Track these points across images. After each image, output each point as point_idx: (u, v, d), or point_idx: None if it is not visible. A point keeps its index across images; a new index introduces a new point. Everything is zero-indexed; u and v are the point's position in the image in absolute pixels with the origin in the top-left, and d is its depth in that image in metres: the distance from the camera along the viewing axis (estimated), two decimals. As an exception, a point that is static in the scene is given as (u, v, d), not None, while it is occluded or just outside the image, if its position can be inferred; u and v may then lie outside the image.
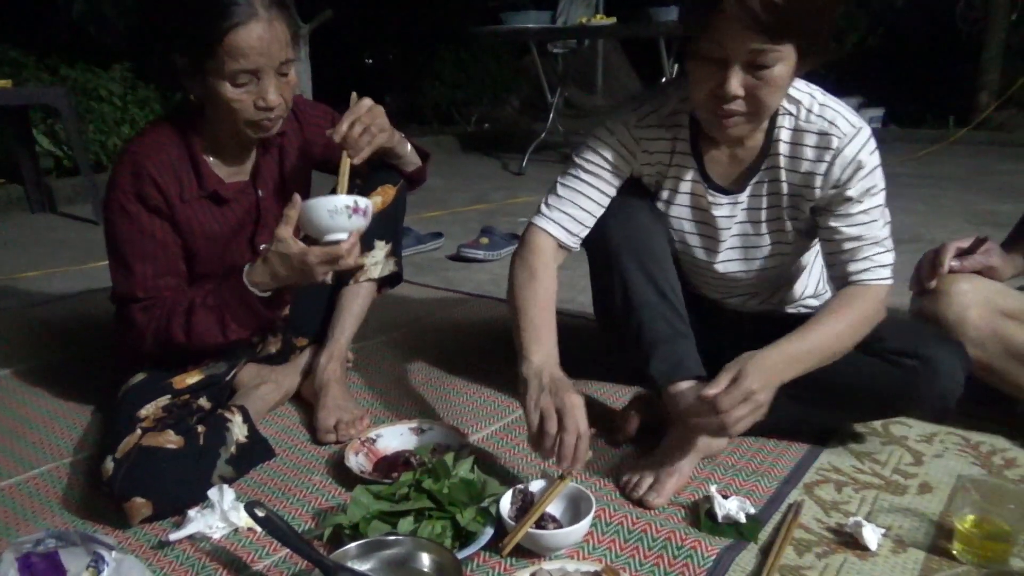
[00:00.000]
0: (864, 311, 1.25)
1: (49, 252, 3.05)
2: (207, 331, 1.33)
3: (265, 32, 1.25)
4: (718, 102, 1.17)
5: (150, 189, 1.35)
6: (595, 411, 1.57)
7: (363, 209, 1.28)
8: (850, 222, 1.27)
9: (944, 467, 1.33)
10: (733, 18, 1.08)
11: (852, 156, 1.24)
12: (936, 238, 3.00)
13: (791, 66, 1.15)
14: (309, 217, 1.26)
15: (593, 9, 5.35)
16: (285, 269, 1.29)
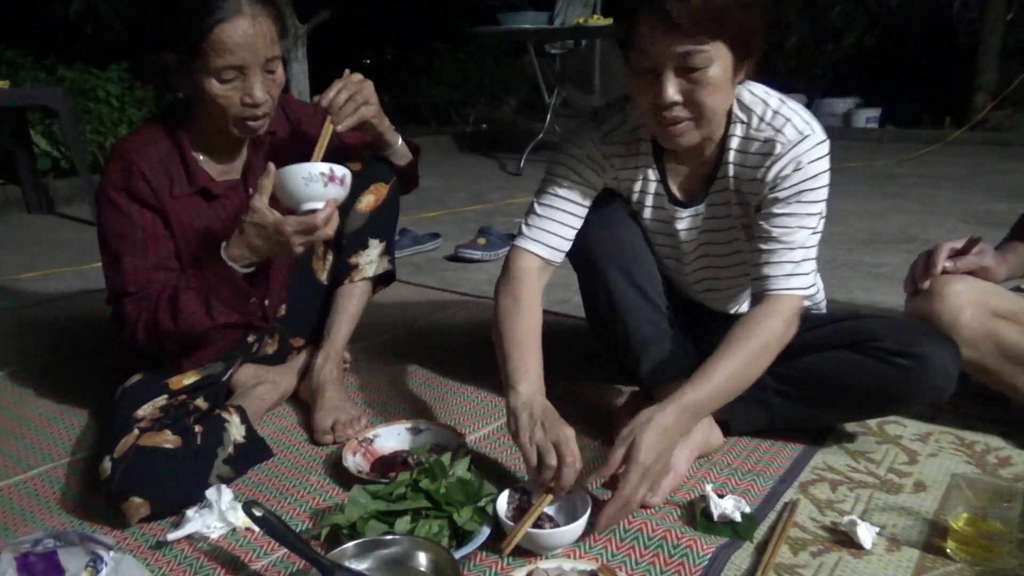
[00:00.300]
0: (766, 339, 1.22)
1: (47, 253, 3.06)
2: (193, 314, 1.31)
3: (250, 28, 1.26)
4: (660, 111, 1.17)
5: (139, 183, 1.35)
6: (588, 411, 1.58)
7: (339, 177, 1.26)
8: (775, 223, 1.25)
9: (938, 466, 1.34)
10: (652, 25, 1.09)
11: (791, 159, 1.23)
12: (932, 238, 3.00)
13: (726, 66, 1.14)
14: (284, 186, 1.24)
15: (591, 10, 5.35)
16: (261, 240, 1.27)
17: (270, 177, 1.25)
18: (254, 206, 1.25)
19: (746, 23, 1.12)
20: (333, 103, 1.39)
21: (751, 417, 1.40)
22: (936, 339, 1.29)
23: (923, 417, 1.49)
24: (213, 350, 1.53)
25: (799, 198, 1.24)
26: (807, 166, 1.23)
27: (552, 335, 2.03)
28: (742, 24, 1.12)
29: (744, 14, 1.11)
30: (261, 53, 1.29)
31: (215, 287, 1.30)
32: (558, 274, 2.39)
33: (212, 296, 1.31)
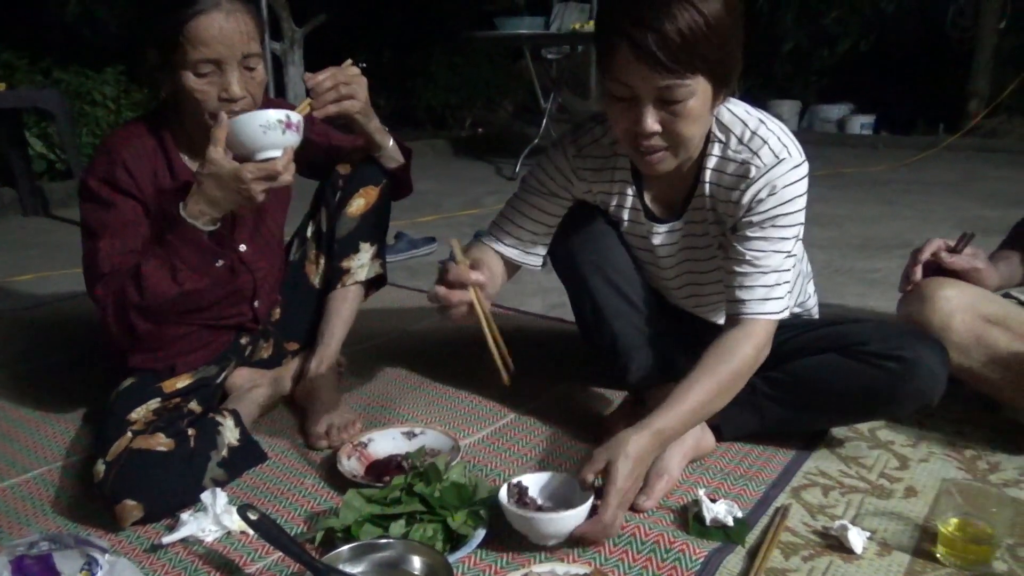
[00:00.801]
0: (738, 367, 1.23)
1: (42, 255, 3.05)
2: (159, 283, 1.28)
3: (226, 22, 1.28)
4: (638, 139, 1.17)
5: (121, 172, 1.36)
6: (582, 416, 1.59)
7: (296, 124, 1.25)
8: (748, 246, 1.25)
9: (929, 471, 1.35)
10: (633, 58, 1.09)
11: (765, 184, 1.23)
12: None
13: (705, 97, 1.15)
14: (239, 135, 1.22)
15: (587, 15, 5.37)
16: (220, 191, 1.24)
17: (223, 127, 1.23)
18: (210, 157, 1.23)
19: (724, 55, 1.13)
20: (317, 86, 1.38)
21: (743, 422, 1.41)
22: (924, 342, 1.30)
23: (915, 422, 1.50)
24: (206, 353, 1.53)
25: (773, 222, 1.24)
26: (782, 190, 1.23)
27: (547, 339, 2.05)
28: (721, 57, 1.12)
29: (722, 47, 1.11)
30: (238, 48, 1.29)
31: (177, 250, 1.27)
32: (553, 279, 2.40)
33: (176, 260, 1.27)
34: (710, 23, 1.08)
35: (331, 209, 1.63)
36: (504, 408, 1.64)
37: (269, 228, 1.58)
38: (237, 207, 1.29)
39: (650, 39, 1.07)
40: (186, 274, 1.29)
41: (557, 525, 1.11)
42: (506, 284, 1.50)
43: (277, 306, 1.68)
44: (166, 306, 1.32)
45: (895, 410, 1.36)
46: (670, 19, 1.06)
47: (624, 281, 1.41)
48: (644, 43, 1.07)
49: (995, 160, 5.51)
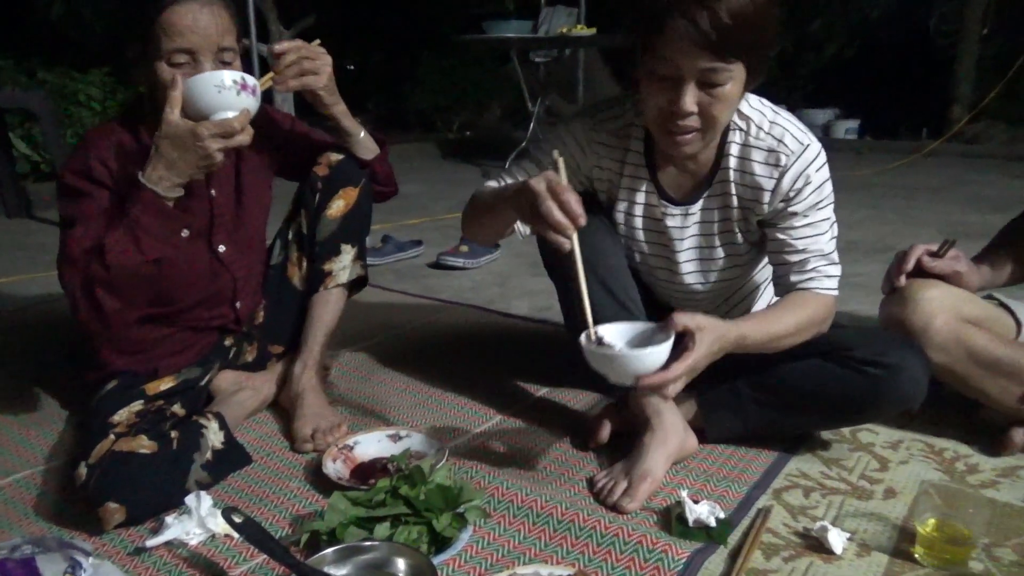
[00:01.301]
0: (814, 315, 1.31)
1: (25, 257, 3.03)
2: (122, 253, 1.25)
3: (201, 12, 1.29)
4: (671, 118, 1.20)
5: (96, 164, 1.36)
6: (567, 418, 1.60)
7: (251, 87, 1.26)
8: (796, 234, 1.32)
9: (909, 472, 1.37)
10: (684, 37, 1.11)
11: (800, 172, 1.29)
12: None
13: (741, 83, 1.19)
14: (194, 95, 1.23)
15: (574, 19, 5.39)
16: (178, 151, 1.23)
17: (179, 88, 1.23)
18: (166, 118, 1.23)
19: (763, 44, 1.17)
20: (281, 59, 1.40)
21: (727, 425, 1.42)
22: (907, 349, 1.32)
23: (895, 424, 1.52)
24: (189, 354, 1.53)
25: (816, 208, 1.32)
26: (815, 176, 1.30)
27: (533, 342, 2.06)
28: (761, 45, 1.17)
29: (763, 35, 1.16)
30: (212, 39, 1.30)
31: (139, 218, 1.26)
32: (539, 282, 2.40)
33: (138, 230, 1.26)
34: (758, 10, 1.12)
35: (311, 211, 1.62)
36: (490, 411, 1.64)
37: (248, 229, 1.58)
38: (196, 169, 1.26)
39: (706, 18, 1.10)
40: (149, 243, 1.27)
41: (636, 363, 1.11)
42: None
43: (260, 308, 1.68)
44: (134, 282, 1.29)
45: (877, 415, 1.39)
46: (725, 0, 1.10)
47: (615, 281, 1.42)
48: (699, 22, 1.10)
49: (978, 165, 5.57)
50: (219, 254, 1.52)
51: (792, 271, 1.33)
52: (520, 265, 2.88)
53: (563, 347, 1.82)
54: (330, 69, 1.46)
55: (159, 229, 1.27)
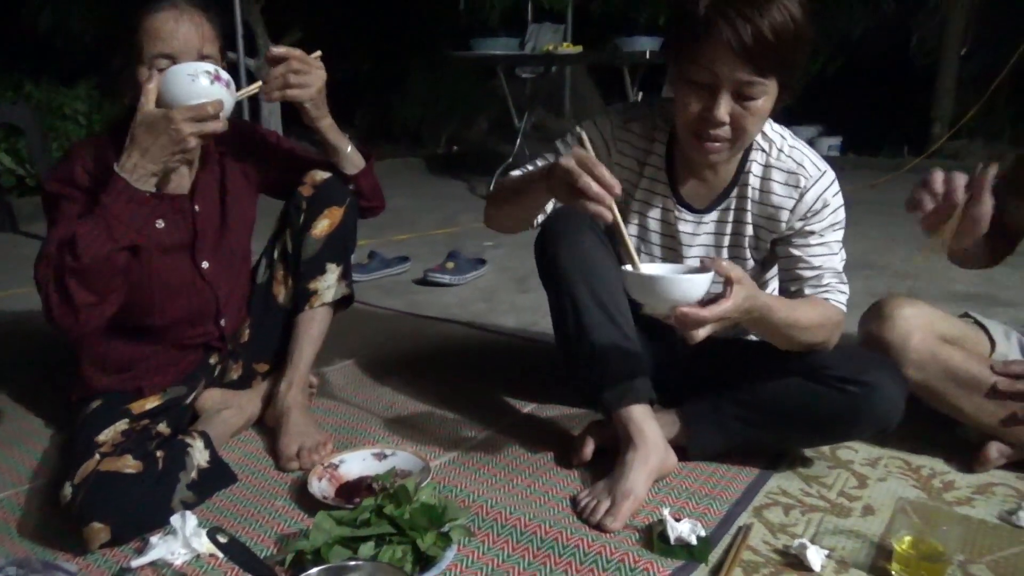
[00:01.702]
0: (827, 321, 1.34)
1: (9, 272, 3.01)
2: (94, 241, 1.25)
3: (182, 18, 1.33)
4: (704, 125, 1.24)
5: (79, 171, 1.37)
6: (552, 435, 1.62)
7: (225, 80, 1.29)
8: (811, 252, 1.37)
9: (887, 490, 1.39)
10: (725, 47, 1.15)
11: (819, 194, 1.35)
12: (889, 264, 3.10)
13: (772, 99, 1.23)
14: (169, 86, 1.26)
15: (560, 36, 5.45)
16: (151, 136, 1.25)
17: (155, 80, 1.27)
18: (141, 109, 1.25)
19: (798, 62, 1.22)
20: (272, 69, 1.41)
21: (709, 441, 1.45)
22: (884, 369, 1.36)
23: (873, 441, 1.54)
24: (174, 372, 1.54)
25: (832, 229, 1.37)
26: (832, 199, 1.36)
27: (519, 358, 2.08)
28: (795, 63, 1.21)
29: (800, 53, 1.20)
30: (193, 45, 1.33)
31: (110, 207, 1.27)
32: (526, 298, 2.42)
33: (110, 218, 1.26)
34: (797, 28, 1.17)
35: (296, 231, 1.63)
36: (475, 427, 1.65)
37: (231, 245, 1.58)
38: (171, 156, 1.27)
39: (749, 31, 1.14)
40: (121, 230, 1.27)
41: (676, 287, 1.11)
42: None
43: (245, 326, 1.68)
44: (106, 272, 1.28)
45: (855, 432, 1.41)
46: (768, 16, 1.14)
47: (608, 296, 1.44)
48: (742, 34, 1.14)
49: (957, 182, 5.65)
50: (202, 270, 1.52)
51: (807, 285, 1.37)
52: (506, 281, 2.90)
53: (550, 364, 1.85)
54: (321, 83, 1.46)
55: (131, 217, 1.28)
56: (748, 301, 1.18)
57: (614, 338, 1.43)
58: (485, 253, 3.24)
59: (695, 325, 1.12)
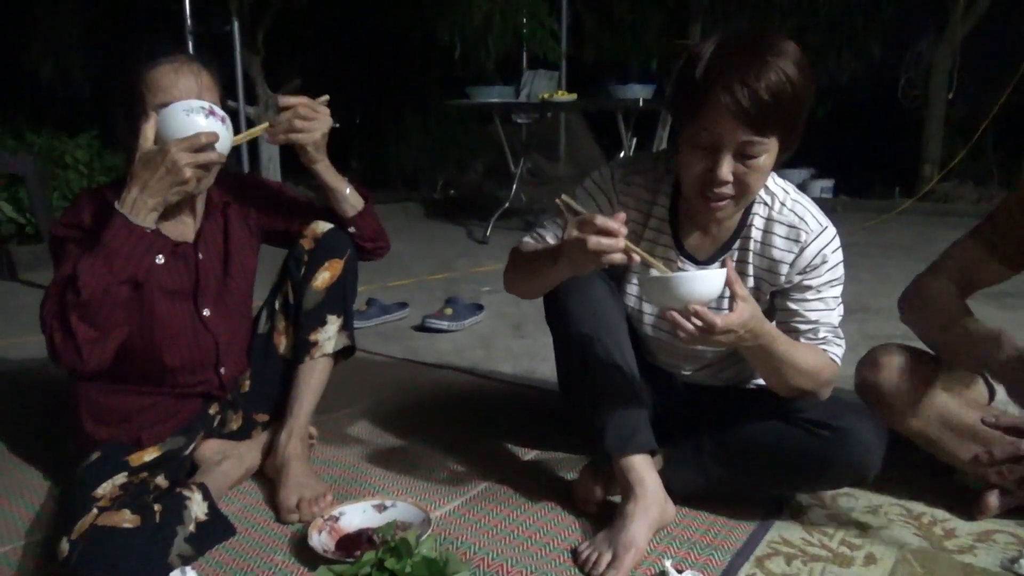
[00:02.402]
0: (823, 368, 1.36)
1: (7, 321, 3.02)
2: (94, 274, 1.27)
3: (182, 68, 1.38)
4: (708, 185, 1.26)
5: (86, 216, 1.40)
6: (552, 484, 1.61)
7: (221, 115, 1.32)
8: (808, 307, 1.38)
9: (888, 538, 1.39)
10: (723, 109, 1.18)
11: (818, 250, 1.36)
12: (883, 307, 3.11)
13: (774, 156, 1.26)
14: (166, 123, 1.30)
15: (555, 83, 5.55)
16: (150, 171, 1.28)
17: (152, 119, 1.30)
18: (140, 146, 1.29)
19: (797, 120, 1.25)
20: (279, 118, 1.48)
21: (689, 480, 1.46)
22: (860, 415, 1.37)
23: (873, 488, 1.54)
24: (173, 423, 1.54)
25: (830, 285, 1.38)
26: (832, 255, 1.37)
27: (517, 405, 2.08)
28: (795, 120, 1.24)
29: (798, 112, 1.23)
30: (192, 94, 1.36)
31: (110, 242, 1.29)
32: (523, 344, 2.43)
33: (110, 252, 1.29)
34: (795, 88, 1.19)
35: (297, 282, 1.65)
36: (475, 477, 1.65)
37: (233, 294, 1.60)
38: (169, 188, 1.30)
39: (746, 95, 1.17)
40: (120, 263, 1.29)
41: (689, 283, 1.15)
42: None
43: (245, 376, 1.69)
44: (107, 307, 1.29)
45: (829, 479, 1.40)
46: (765, 79, 1.17)
47: (614, 343, 1.45)
48: (740, 98, 1.17)
49: (948, 223, 5.71)
50: (203, 318, 1.54)
51: (802, 338, 1.39)
52: (503, 327, 2.91)
53: (549, 410, 1.85)
54: (326, 128, 1.52)
55: (130, 251, 1.30)
56: (754, 320, 1.21)
57: (619, 385, 1.43)
58: (482, 298, 3.25)
59: (706, 329, 1.16)
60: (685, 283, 1.16)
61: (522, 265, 1.46)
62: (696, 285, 1.16)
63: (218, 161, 1.34)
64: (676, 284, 1.16)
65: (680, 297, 1.16)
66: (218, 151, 1.33)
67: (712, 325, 1.16)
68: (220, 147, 1.34)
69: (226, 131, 1.34)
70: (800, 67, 1.21)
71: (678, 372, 1.58)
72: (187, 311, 1.52)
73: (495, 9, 5.29)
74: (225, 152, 1.36)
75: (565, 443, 1.75)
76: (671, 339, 1.51)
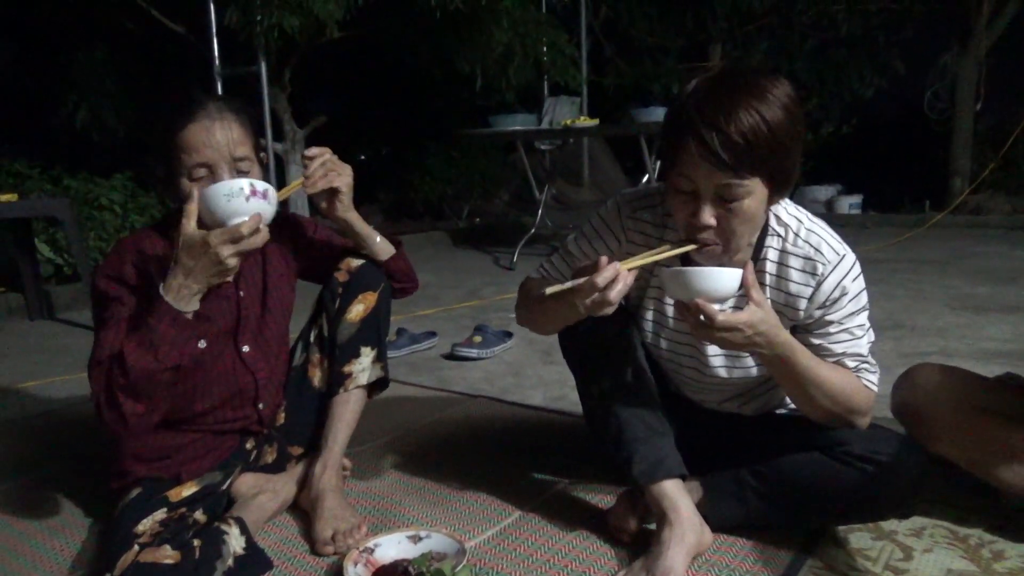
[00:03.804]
0: (854, 393, 1.32)
1: (48, 360, 3.09)
2: (140, 359, 1.29)
3: (214, 127, 1.38)
4: (693, 231, 1.25)
5: (128, 269, 1.42)
6: (586, 512, 1.60)
7: (262, 192, 1.30)
8: (832, 340, 1.34)
9: (934, 561, 1.35)
10: (696, 154, 1.17)
11: (836, 282, 1.32)
12: (918, 324, 3.06)
13: (761, 198, 1.22)
14: (208, 206, 1.28)
15: (577, 109, 5.59)
16: (193, 260, 1.28)
17: (195, 201, 1.30)
18: (182, 230, 1.28)
19: (782, 160, 1.20)
20: (308, 165, 1.50)
21: (728, 512, 1.44)
22: (903, 448, 1.33)
23: (917, 511, 1.51)
24: (211, 459, 1.56)
25: (853, 317, 1.34)
26: (851, 285, 1.32)
27: (548, 432, 2.07)
28: (779, 161, 1.20)
29: (781, 152, 1.18)
30: (226, 151, 1.39)
31: (156, 327, 1.29)
32: (553, 371, 2.43)
33: (154, 336, 1.29)
34: (772, 129, 1.16)
35: (331, 315, 1.68)
36: (508, 506, 1.64)
37: (272, 331, 1.63)
38: (211, 276, 1.31)
39: (715, 139, 1.15)
40: (166, 350, 1.30)
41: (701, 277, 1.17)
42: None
43: (281, 409, 1.71)
44: (152, 388, 1.32)
45: (871, 514, 1.39)
46: (736, 122, 1.15)
47: (634, 373, 1.44)
48: (709, 142, 1.15)
49: (980, 236, 5.63)
50: (243, 354, 1.56)
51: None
52: (533, 354, 2.91)
53: (579, 438, 1.84)
54: (351, 179, 1.55)
55: (175, 337, 1.31)
56: (765, 325, 1.20)
57: (642, 414, 1.43)
58: (511, 325, 3.26)
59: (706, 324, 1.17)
60: (699, 278, 1.17)
61: (533, 306, 1.46)
62: (710, 281, 1.17)
63: (262, 243, 1.32)
64: (689, 278, 1.17)
65: (693, 291, 1.17)
66: (262, 229, 1.31)
67: (711, 318, 1.16)
68: (264, 221, 1.32)
69: (269, 205, 1.33)
70: (783, 107, 1.17)
71: (703, 404, 1.57)
72: (228, 349, 1.55)
73: (515, 40, 5.35)
74: (268, 222, 1.34)
75: (597, 471, 1.74)
76: (690, 373, 1.50)
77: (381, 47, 5.93)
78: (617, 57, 7.64)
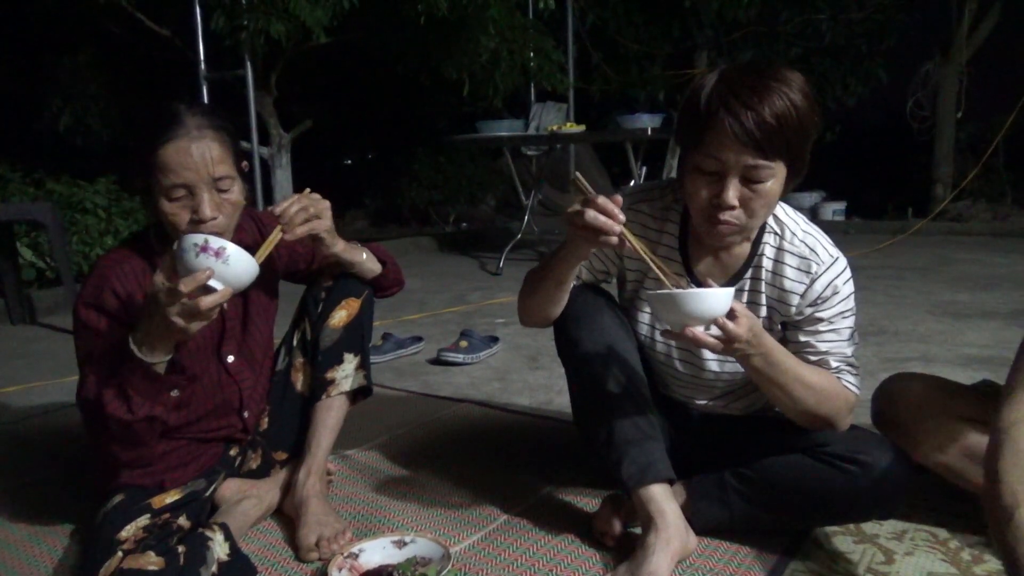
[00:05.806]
0: (836, 395, 1.34)
1: (29, 365, 3.06)
2: (117, 410, 1.28)
3: (193, 147, 1.34)
4: (715, 210, 1.27)
5: (110, 297, 1.40)
6: (571, 517, 1.60)
7: (214, 249, 1.20)
8: (820, 338, 1.38)
9: (915, 565, 1.37)
10: (730, 135, 1.20)
11: (829, 282, 1.36)
12: (900, 330, 3.10)
13: (781, 182, 1.26)
14: (180, 260, 1.21)
15: (564, 115, 5.61)
16: (149, 314, 1.23)
17: (168, 257, 1.25)
18: (152, 280, 1.23)
19: (803, 145, 1.26)
20: (285, 213, 1.45)
21: (712, 515, 1.44)
22: (884, 449, 1.34)
23: (898, 514, 1.52)
24: (195, 466, 1.54)
25: (842, 316, 1.38)
26: (843, 287, 1.37)
27: (534, 437, 2.07)
28: (801, 146, 1.25)
29: (804, 137, 1.24)
30: (206, 171, 1.35)
31: (128, 378, 1.28)
32: (539, 376, 2.44)
33: (128, 388, 1.28)
34: (799, 114, 1.21)
35: (314, 320, 1.67)
36: (494, 511, 1.64)
37: (255, 339, 1.62)
38: (166, 334, 1.24)
39: (751, 118, 1.19)
40: (137, 402, 1.29)
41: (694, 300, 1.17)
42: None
43: (264, 415, 1.70)
44: (134, 435, 1.33)
45: (855, 515, 1.40)
46: (770, 104, 1.19)
47: (627, 375, 1.45)
48: (744, 122, 1.19)
49: (962, 243, 5.70)
50: (227, 365, 1.56)
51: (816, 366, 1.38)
52: (519, 359, 2.91)
53: (566, 443, 1.85)
54: (330, 213, 1.52)
55: (145, 389, 1.29)
56: (756, 328, 1.22)
57: (633, 417, 1.43)
58: (497, 331, 3.26)
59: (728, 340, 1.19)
60: (695, 300, 1.17)
61: (531, 278, 1.47)
62: (708, 303, 1.17)
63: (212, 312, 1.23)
64: (685, 301, 1.17)
65: (689, 314, 1.17)
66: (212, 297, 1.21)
67: (735, 336, 1.18)
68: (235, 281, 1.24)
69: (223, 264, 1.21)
70: (805, 95, 1.23)
71: (692, 403, 1.58)
72: (212, 359, 1.54)
73: (502, 46, 5.36)
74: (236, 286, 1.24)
75: (583, 475, 1.75)
76: (684, 369, 1.51)
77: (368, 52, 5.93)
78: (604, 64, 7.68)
